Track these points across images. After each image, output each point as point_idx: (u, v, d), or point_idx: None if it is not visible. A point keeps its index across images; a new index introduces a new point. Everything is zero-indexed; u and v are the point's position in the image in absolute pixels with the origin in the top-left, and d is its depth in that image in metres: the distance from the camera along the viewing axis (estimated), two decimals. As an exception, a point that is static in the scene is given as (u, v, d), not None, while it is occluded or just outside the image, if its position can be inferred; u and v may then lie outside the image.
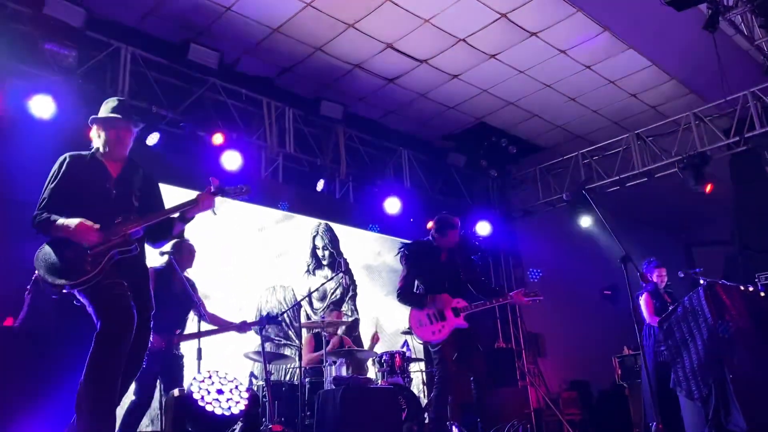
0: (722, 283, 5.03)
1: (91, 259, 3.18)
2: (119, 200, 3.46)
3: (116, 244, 3.27)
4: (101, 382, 3.08)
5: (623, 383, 7.70)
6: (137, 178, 3.61)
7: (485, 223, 9.97)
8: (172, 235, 3.77)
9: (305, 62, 8.05)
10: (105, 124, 3.56)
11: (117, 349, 3.13)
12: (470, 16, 7.30)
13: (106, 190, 3.46)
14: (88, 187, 3.43)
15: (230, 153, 7.34)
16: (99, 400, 3.05)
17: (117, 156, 3.57)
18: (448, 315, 5.05)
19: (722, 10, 6.54)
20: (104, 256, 3.21)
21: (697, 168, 8.41)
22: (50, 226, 3.23)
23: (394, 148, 9.66)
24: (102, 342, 3.11)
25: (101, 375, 3.08)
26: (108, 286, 3.20)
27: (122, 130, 3.57)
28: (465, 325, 5.06)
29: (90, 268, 3.15)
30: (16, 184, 5.41)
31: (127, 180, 3.56)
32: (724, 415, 4.52)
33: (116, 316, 3.15)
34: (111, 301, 3.18)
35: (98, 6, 6.78)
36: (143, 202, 3.56)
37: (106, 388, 3.09)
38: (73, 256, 3.18)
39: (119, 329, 3.14)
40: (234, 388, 4.66)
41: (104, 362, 3.09)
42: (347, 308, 8.55)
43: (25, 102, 6.03)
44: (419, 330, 5.07)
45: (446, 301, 5.09)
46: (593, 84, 8.79)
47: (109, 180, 3.49)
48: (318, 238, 8.63)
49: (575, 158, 9.84)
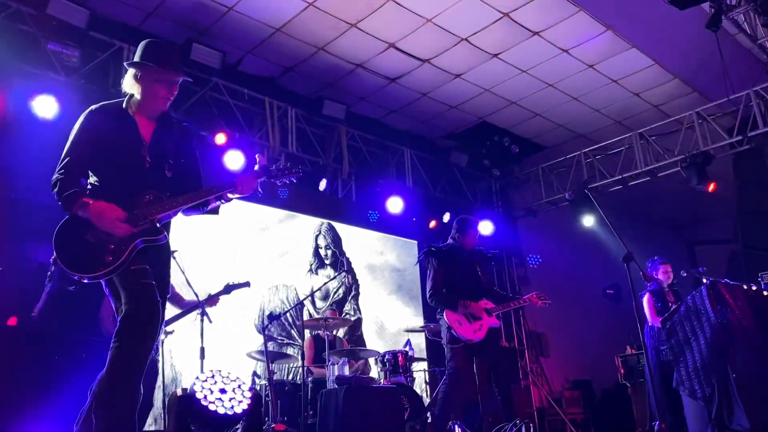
0: (725, 282, 5.03)
1: (114, 248, 2.81)
2: (152, 173, 3.00)
3: (142, 231, 2.88)
4: (126, 382, 2.75)
5: (626, 383, 7.70)
6: (171, 139, 3.12)
7: (487, 222, 9.96)
8: (205, 211, 3.27)
9: (308, 62, 8.06)
10: (155, 75, 3.00)
11: (143, 346, 2.79)
12: (472, 16, 7.29)
13: (140, 159, 2.99)
14: (119, 154, 2.97)
15: (233, 153, 7.36)
16: (120, 402, 2.74)
17: (156, 112, 3.08)
18: (483, 315, 5.25)
19: (725, 9, 6.53)
20: (127, 246, 2.83)
21: (700, 167, 8.41)
22: (75, 205, 2.82)
23: (396, 147, 9.66)
24: (127, 337, 2.77)
25: (126, 374, 2.75)
26: (133, 272, 2.84)
27: (174, 85, 3.06)
28: (498, 323, 5.33)
29: (111, 259, 2.80)
30: (19, 184, 5.43)
31: (161, 145, 3.06)
32: (727, 415, 4.53)
33: (144, 309, 2.81)
34: (138, 289, 2.83)
35: (101, 6, 6.80)
36: (177, 173, 3.10)
37: (129, 389, 2.76)
38: (94, 240, 2.82)
39: (146, 323, 2.81)
40: (237, 388, 4.67)
41: (130, 360, 2.76)
42: (350, 308, 8.56)
43: (29, 102, 6.05)
44: (460, 329, 5.18)
45: (477, 307, 5.28)
46: (596, 83, 8.79)
47: (142, 146, 3.01)
48: (320, 238, 8.64)
49: (578, 157, 9.84)
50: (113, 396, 2.72)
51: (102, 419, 2.69)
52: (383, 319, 8.85)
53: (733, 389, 4.52)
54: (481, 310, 5.26)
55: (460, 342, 5.13)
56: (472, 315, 5.22)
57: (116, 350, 2.76)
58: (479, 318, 5.21)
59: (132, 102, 3.07)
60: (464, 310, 5.22)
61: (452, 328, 5.18)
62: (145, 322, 2.81)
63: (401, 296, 9.20)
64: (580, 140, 10.19)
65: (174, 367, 6.39)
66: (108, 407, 2.71)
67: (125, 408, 2.74)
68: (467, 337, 5.15)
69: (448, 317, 5.21)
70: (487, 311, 5.27)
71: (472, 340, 5.14)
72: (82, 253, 2.83)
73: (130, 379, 2.77)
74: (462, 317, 5.21)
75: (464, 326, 5.17)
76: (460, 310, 5.21)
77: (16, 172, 5.64)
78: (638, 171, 9.27)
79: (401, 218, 9.19)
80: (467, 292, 5.29)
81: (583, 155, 9.81)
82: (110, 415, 2.70)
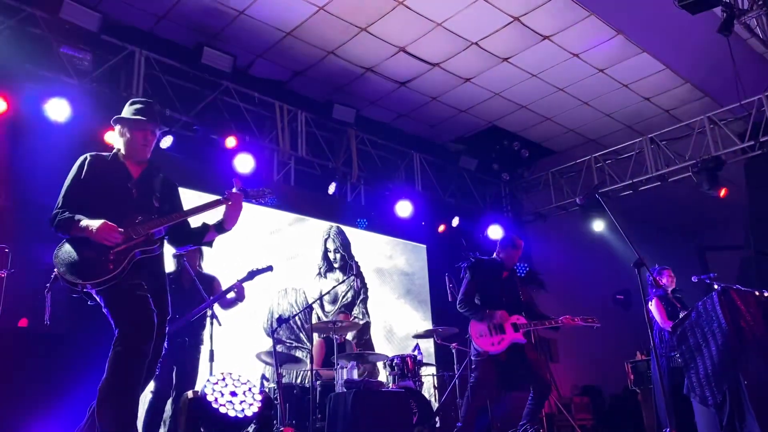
0: (737, 289, 4.98)
1: (113, 258, 3.09)
2: (140, 201, 3.38)
3: (138, 244, 3.18)
4: (123, 393, 2.96)
5: (636, 388, 7.65)
6: (157, 181, 3.53)
7: (497, 226, 9.94)
8: (202, 242, 3.66)
9: (318, 66, 8.08)
10: (131, 126, 3.48)
11: (138, 357, 3.02)
12: (483, 20, 7.30)
13: (127, 190, 3.38)
14: (109, 187, 3.35)
15: (243, 156, 7.38)
16: (120, 412, 2.93)
17: (139, 158, 3.49)
18: (507, 329, 5.23)
19: (737, 13, 6.49)
20: (126, 256, 3.11)
21: (711, 172, 8.36)
22: (72, 226, 3.14)
23: (405, 151, 9.66)
24: (123, 349, 3.00)
25: (122, 385, 2.96)
26: (129, 288, 3.10)
27: (149, 132, 3.49)
28: (523, 340, 5.25)
29: (113, 267, 3.07)
30: (33, 186, 5.47)
31: (148, 182, 3.48)
32: (739, 422, 4.48)
33: (137, 321, 3.06)
34: (132, 305, 3.09)
35: (113, 10, 6.85)
36: (163, 205, 3.48)
37: (127, 399, 2.97)
38: (94, 254, 3.09)
39: (140, 334, 3.04)
40: (247, 390, 4.66)
41: (125, 372, 2.98)
42: (358, 311, 8.55)
43: (42, 105, 6.09)
44: (479, 340, 5.21)
45: (504, 317, 5.24)
46: (606, 87, 8.76)
47: (130, 180, 3.41)
48: (329, 241, 8.64)
49: (588, 162, 9.80)
50: (112, 412, 2.92)
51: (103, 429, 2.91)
52: (392, 323, 8.84)
53: (744, 396, 4.48)
54: (509, 324, 5.22)
55: (482, 355, 5.14)
56: (496, 327, 5.20)
57: (112, 365, 2.97)
58: (502, 332, 5.19)
59: (120, 153, 3.51)
60: (489, 320, 5.20)
61: (472, 338, 5.20)
62: (138, 338, 3.04)
63: (410, 300, 9.18)
64: (590, 145, 10.17)
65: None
66: (108, 421, 2.91)
67: (126, 422, 2.93)
68: (484, 348, 5.16)
69: (471, 328, 5.27)
70: (514, 326, 5.23)
71: (489, 352, 5.14)
72: (83, 264, 3.09)
73: (127, 392, 2.98)
74: (485, 329, 5.21)
75: (484, 338, 5.18)
76: (485, 321, 5.21)
77: (28, 174, 5.68)
78: (649, 176, 9.22)
79: (410, 222, 9.18)
80: (504, 307, 5.28)
81: (594, 160, 9.77)
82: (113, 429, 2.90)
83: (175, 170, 6.60)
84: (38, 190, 5.50)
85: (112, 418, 2.91)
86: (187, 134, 7.36)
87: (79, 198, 3.28)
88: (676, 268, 6.75)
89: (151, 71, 7.17)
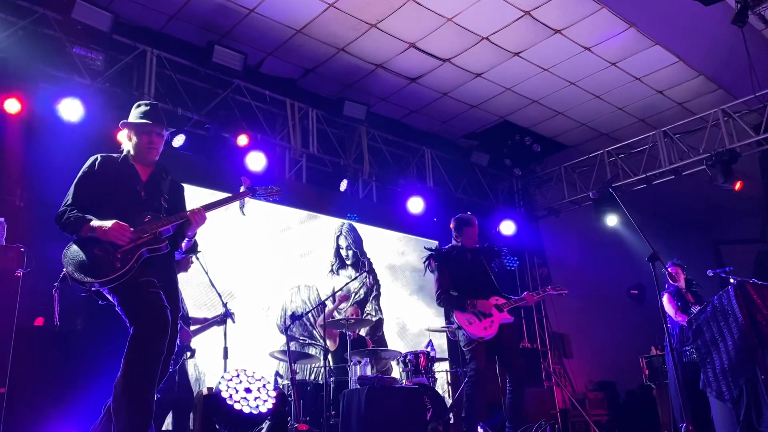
0: (753, 282, 4.93)
1: (121, 256, 3.10)
2: (148, 202, 3.41)
3: (146, 242, 3.19)
4: (138, 390, 2.96)
5: (651, 384, 7.59)
6: (165, 183, 3.59)
7: (509, 222, 9.91)
8: (183, 249, 3.55)
9: (328, 63, 8.08)
10: (136, 129, 3.53)
11: (154, 354, 3.03)
12: (493, 14, 7.26)
13: (136, 192, 3.41)
14: (118, 187, 3.39)
15: (255, 154, 7.41)
16: (137, 409, 2.94)
17: (147, 160, 3.54)
18: (493, 311, 5.19)
19: (751, 3, 6.43)
20: (134, 254, 3.13)
21: (725, 165, 8.26)
22: (82, 226, 3.15)
23: (417, 147, 9.65)
24: (138, 346, 3.01)
25: (138, 382, 2.97)
26: (141, 284, 3.12)
27: (154, 135, 3.54)
28: (511, 318, 5.22)
29: (120, 265, 3.07)
30: (46, 186, 5.51)
31: (156, 184, 3.52)
32: (756, 417, 4.44)
33: (152, 318, 3.07)
34: (145, 301, 3.09)
35: (125, 10, 6.88)
36: (171, 206, 3.53)
37: (144, 396, 2.97)
38: (102, 253, 3.10)
39: (155, 331, 3.05)
40: (262, 387, 4.69)
41: (141, 368, 2.99)
42: (371, 308, 8.56)
43: (55, 105, 6.14)
44: (470, 328, 5.14)
45: (485, 304, 5.20)
46: (619, 81, 8.70)
47: (138, 182, 3.45)
48: (342, 238, 8.65)
49: (601, 156, 9.73)
50: (127, 410, 2.93)
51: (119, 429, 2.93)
52: (405, 319, 8.84)
53: (761, 390, 4.43)
54: (491, 306, 5.18)
55: (475, 341, 5.09)
56: (482, 313, 5.16)
57: (127, 362, 2.99)
58: (489, 315, 5.15)
59: (129, 155, 3.56)
60: (472, 308, 5.16)
61: (463, 328, 5.16)
62: (153, 332, 3.05)
63: (423, 297, 9.17)
64: (602, 139, 10.10)
65: (197, 366, 6.43)
66: (124, 419, 2.92)
67: (141, 420, 2.93)
68: (478, 334, 5.09)
69: (458, 318, 5.17)
70: (497, 307, 5.20)
71: (484, 338, 5.08)
72: (92, 263, 3.10)
73: (144, 389, 2.98)
74: (471, 316, 5.15)
75: (474, 324, 5.11)
76: (469, 310, 5.16)
77: (42, 174, 5.72)
78: (662, 170, 9.13)
79: (422, 218, 9.17)
80: (477, 291, 5.23)
81: (606, 154, 9.70)
82: (129, 427, 2.91)
83: (187, 169, 6.67)
84: (52, 190, 5.53)
85: (128, 415, 2.92)
86: (199, 133, 7.39)
87: (89, 197, 3.31)
88: (691, 263, 6.70)
89: (163, 70, 7.21)
